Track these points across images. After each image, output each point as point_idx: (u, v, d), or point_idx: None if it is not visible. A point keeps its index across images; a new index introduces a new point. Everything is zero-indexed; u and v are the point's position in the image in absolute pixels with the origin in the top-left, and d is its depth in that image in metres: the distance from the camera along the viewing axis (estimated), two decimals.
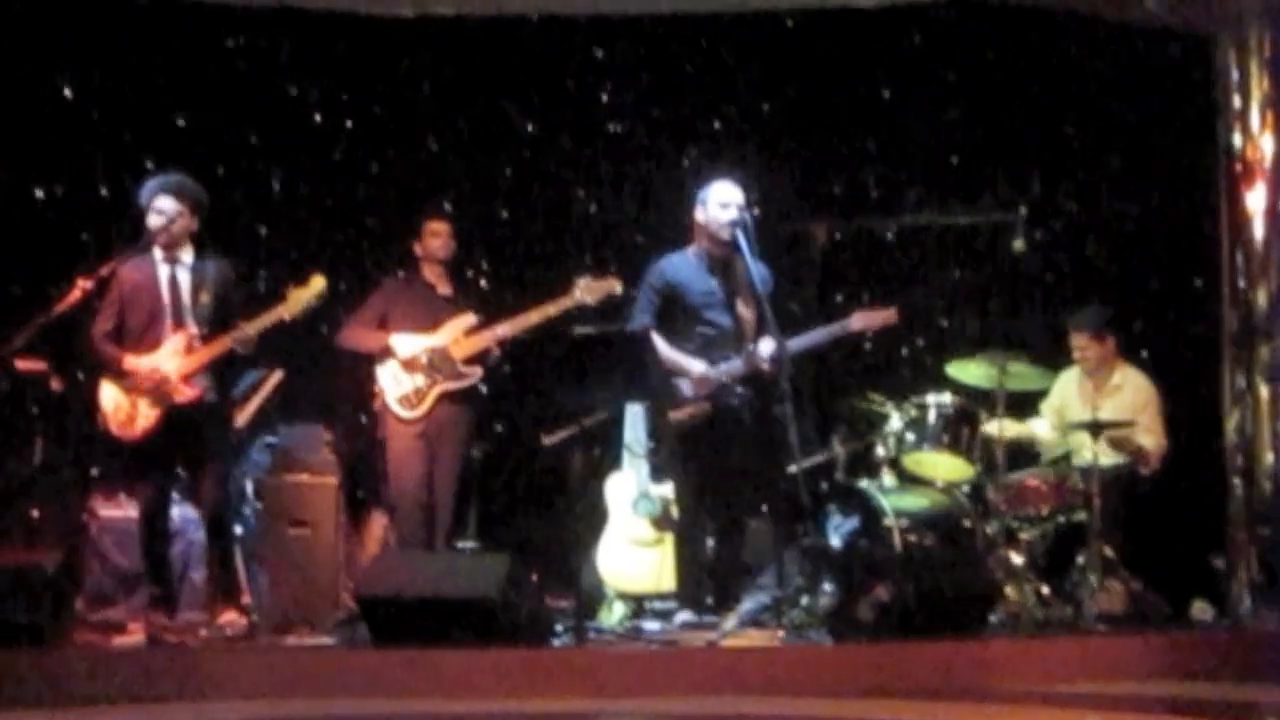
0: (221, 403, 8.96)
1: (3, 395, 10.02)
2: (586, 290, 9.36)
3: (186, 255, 8.88)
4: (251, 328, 8.78)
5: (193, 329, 8.76)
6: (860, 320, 9.22)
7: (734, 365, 8.93)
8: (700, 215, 9.08)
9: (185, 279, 8.85)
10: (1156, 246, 11.10)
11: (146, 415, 8.70)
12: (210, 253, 8.99)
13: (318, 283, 8.95)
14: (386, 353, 9.49)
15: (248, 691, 7.63)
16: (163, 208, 8.79)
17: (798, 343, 8.92)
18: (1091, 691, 7.99)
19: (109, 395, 8.78)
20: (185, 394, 8.69)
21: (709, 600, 8.99)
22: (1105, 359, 9.98)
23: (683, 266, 9.13)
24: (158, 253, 8.83)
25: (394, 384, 9.48)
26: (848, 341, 9.73)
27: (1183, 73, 10.44)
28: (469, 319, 9.51)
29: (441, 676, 7.62)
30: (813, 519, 9.41)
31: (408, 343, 9.47)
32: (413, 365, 9.44)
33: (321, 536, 9.66)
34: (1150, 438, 9.81)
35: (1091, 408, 9.62)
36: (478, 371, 9.50)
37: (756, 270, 8.85)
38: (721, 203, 9.00)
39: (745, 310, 9.04)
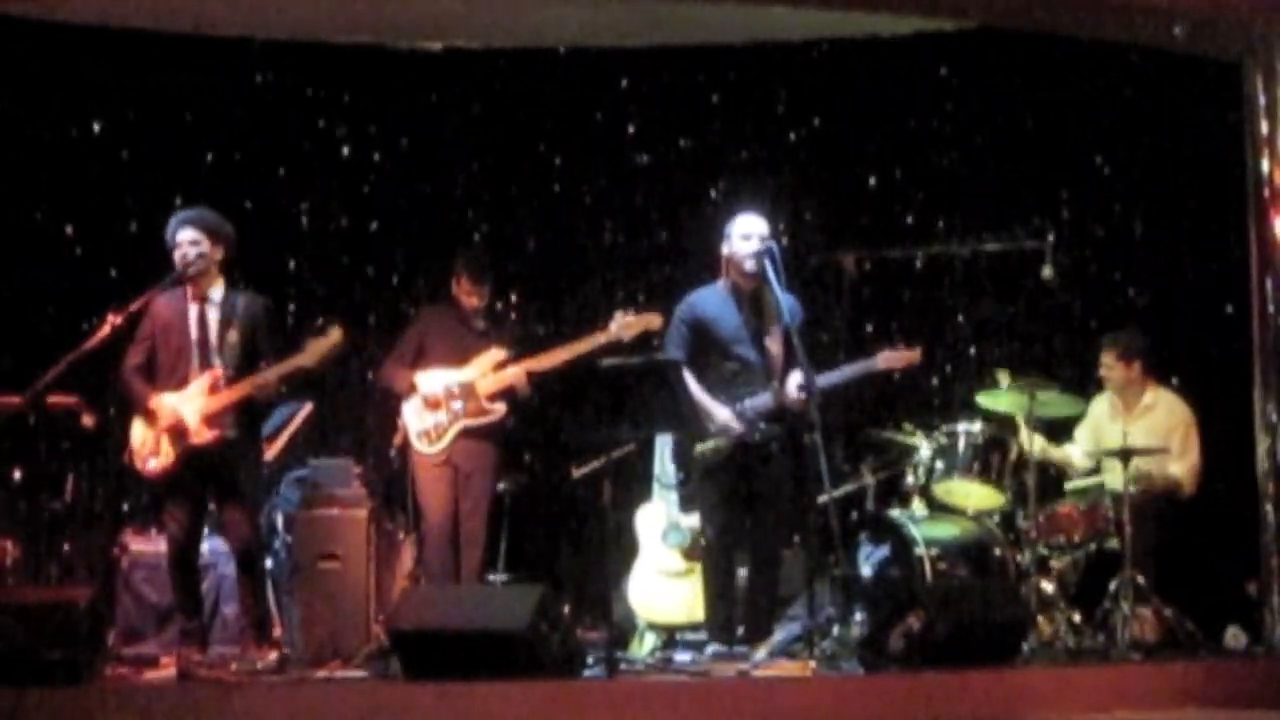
0: (248, 439, 8.96)
1: (35, 431, 10.07)
2: (623, 327, 9.33)
3: (215, 291, 8.91)
4: (271, 374, 8.80)
5: (219, 369, 8.78)
6: (885, 360, 9.23)
7: (761, 401, 8.94)
8: (725, 249, 9.09)
9: (214, 316, 8.87)
10: (1185, 273, 11.08)
11: (166, 454, 8.74)
12: (241, 288, 9.02)
13: (335, 334, 8.94)
14: (412, 390, 9.51)
15: None
16: (182, 240, 8.84)
17: (823, 380, 8.90)
18: (1124, 719, 7.98)
19: (137, 431, 8.83)
20: (204, 436, 8.71)
21: (739, 631, 8.98)
22: (1131, 381, 9.98)
23: (712, 300, 9.14)
24: (188, 289, 8.88)
25: (416, 419, 9.50)
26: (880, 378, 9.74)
27: (1210, 98, 10.42)
28: (498, 354, 9.51)
29: (473, 709, 7.60)
30: (843, 549, 9.39)
31: (433, 380, 9.48)
32: (434, 403, 9.46)
33: (352, 569, 9.66)
34: (1181, 464, 9.79)
35: (1122, 430, 9.60)
36: (501, 409, 9.48)
37: (786, 302, 8.85)
38: (744, 234, 9.00)
39: (774, 344, 9.04)
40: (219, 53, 11.19)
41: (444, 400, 9.44)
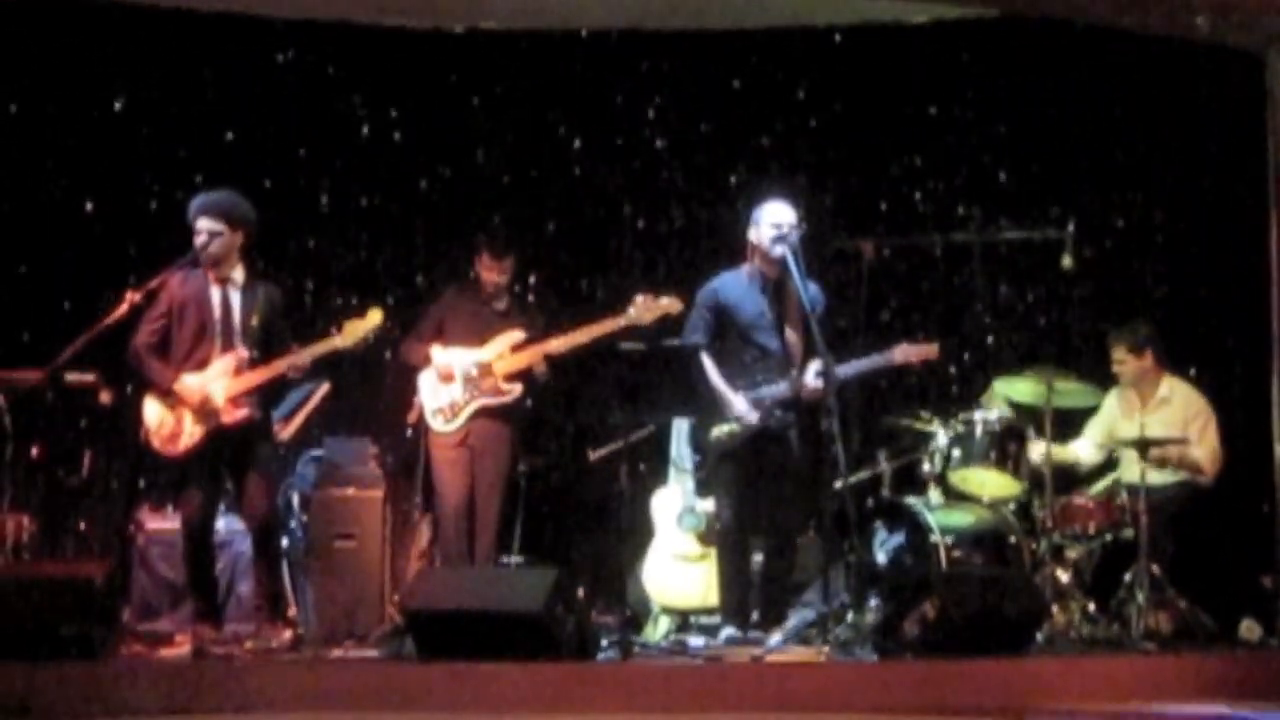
0: (267, 418, 9.00)
1: (52, 408, 10.08)
2: (642, 310, 9.30)
3: (237, 274, 8.93)
4: (305, 355, 8.83)
5: (242, 351, 8.80)
6: (902, 354, 9.21)
7: (779, 389, 8.95)
8: (753, 235, 9.11)
9: (237, 300, 8.90)
10: (1205, 263, 11.05)
11: (191, 433, 8.75)
12: (261, 275, 9.03)
13: (374, 316, 8.98)
14: (427, 362, 9.50)
15: (293, 704, 7.62)
16: (202, 228, 8.86)
17: (839, 371, 8.88)
18: (1139, 710, 7.95)
19: (153, 411, 8.82)
20: (233, 416, 8.73)
21: (754, 616, 8.99)
22: (1145, 373, 9.97)
23: (735, 286, 9.16)
24: (209, 272, 8.88)
25: (432, 396, 9.50)
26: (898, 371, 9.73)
27: (1232, 89, 10.39)
28: (517, 335, 9.50)
29: (486, 690, 7.61)
30: (859, 535, 9.39)
31: (450, 356, 9.47)
32: (450, 378, 9.44)
33: (367, 549, 9.70)
34: (1202, 449, 9.78)
35: (1139, 422, 9.59)
36: (518, 389, 9.47)
37: (807, 291, 8.85)
38: (773, 223, 9.01)
39: (793, 334, 9.06)
40: (240, 32, 11.18)
41: (458, 376, 9.43)
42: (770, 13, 11.37)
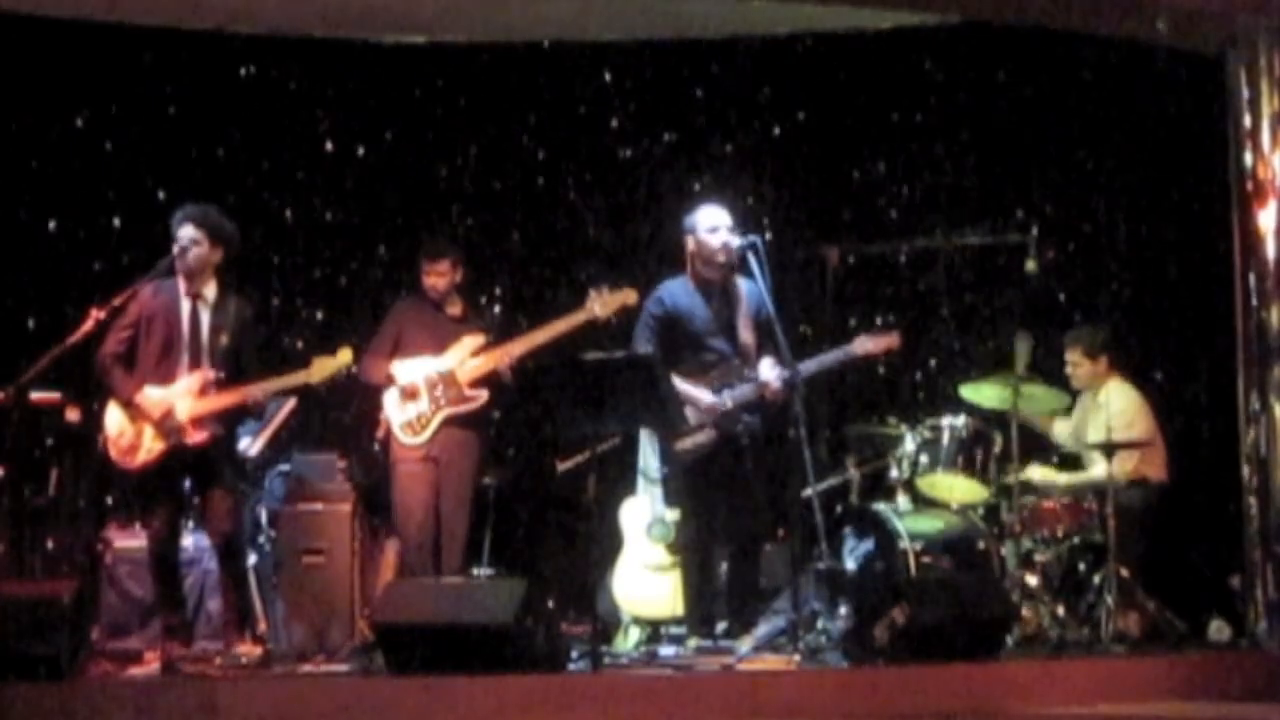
0: (230, 437, 8.95)
1: (18, 426, 10.03)
2: (600, 304, 9.28)
3: (210, 291, 8.88)
4: (272, 387, 8.84)
5: (209, 372, 8.75)
6: (863, 345, 9.20)
7: (740, 392, 8.95)
8: (691, 243, 9.10)
9: (206, 317, 8.86)
10: (1169, 267, 11.09)
11: (149, 448, 8.71)
12: (232, 291, 9.00)
13: (344, 355, 8.94)
14: (389, 381, 9.48)
15: None
16: (183, 236, 8.82)
17: (801, 368, 8.88)
18: (1109, 713, 7.98)
19: (114, 419, 8.79)
20: (194, 437, 8.69)
21: (721, 625, 9.00)
22: (1096, 376, 9.98)
23: (681, 293, 9.15)
24: (181, 284, 8.85)
25: (398, 410, 9.46)
26: (860, 364, 9.71)
27: (1193, 93, 10.44)
28: (476, 340, 9.47)
29: (457, 704, 7.61)
30: (828, 542, 9.39)
31: (410, 369, 9.45)
32: (414, 393, 9.42)
33: (336, 564, 9.68)
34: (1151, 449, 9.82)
35: (1105, 425, 9.63)
36: (483, 395, 9.44)
37: (754, 293, 8.87)
38: (710, 227, 9.03)
39: (746, 335, 9.06)
40: (203, 46, 11.17)
41: (423, 389, 9.41)
42: (732, 22, 11.39)
